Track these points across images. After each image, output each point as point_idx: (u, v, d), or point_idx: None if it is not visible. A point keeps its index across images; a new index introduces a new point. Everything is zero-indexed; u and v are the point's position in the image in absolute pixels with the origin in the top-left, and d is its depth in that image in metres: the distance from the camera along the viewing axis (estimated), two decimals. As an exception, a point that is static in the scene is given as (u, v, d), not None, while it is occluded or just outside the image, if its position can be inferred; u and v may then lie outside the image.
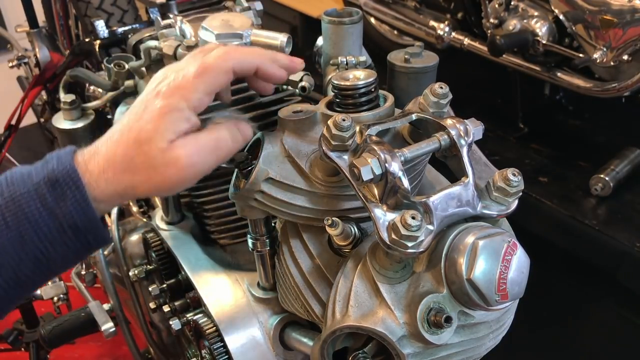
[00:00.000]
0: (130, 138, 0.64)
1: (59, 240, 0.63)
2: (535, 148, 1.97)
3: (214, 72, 0.66)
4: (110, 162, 0.64)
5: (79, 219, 0.62)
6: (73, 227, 0.63)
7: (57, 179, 0.62)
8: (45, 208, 0.62)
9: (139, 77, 1.10)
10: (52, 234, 0.62)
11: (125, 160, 0.64)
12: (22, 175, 0.64)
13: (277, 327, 0.87)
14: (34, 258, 0.63)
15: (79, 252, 0.65)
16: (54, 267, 0.66)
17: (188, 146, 0.64)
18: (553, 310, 1.74)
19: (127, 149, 0.64)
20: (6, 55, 2.38)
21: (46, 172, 0.63)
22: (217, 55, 0.67)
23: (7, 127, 1.95)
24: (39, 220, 0.62)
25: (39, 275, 0.65)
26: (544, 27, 1.80)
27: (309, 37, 2.67)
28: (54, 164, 0.64)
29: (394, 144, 0.66)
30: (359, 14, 0.86)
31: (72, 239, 0.63)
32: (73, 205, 0.62)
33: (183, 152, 0.64)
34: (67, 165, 0.63)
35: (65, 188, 0.62)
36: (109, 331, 1.17)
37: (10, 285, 0.63)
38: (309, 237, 0.73)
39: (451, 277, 0.60)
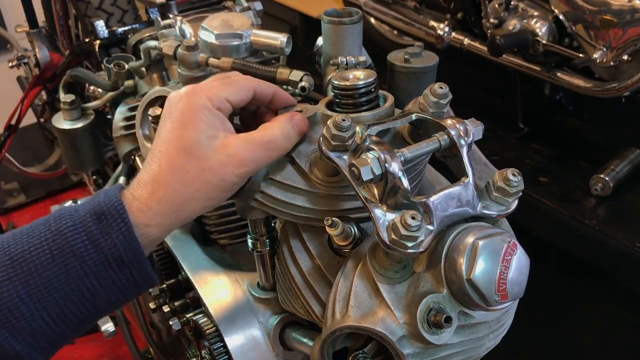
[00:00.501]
0: (173, 149, 0.64)
1: (104, 274, 0.62)
2: (535, 148, 1.96)
3: (238, 85, 0.68)
4: (159, 180, 0.63)
5: (124, 251, 0.62)
6: (118, 261, 0.62)
7: (103, 212, 0.62)
8: (90, 241, 0.61)
9: (139, 77, 1.10)
10: (97, 268, 0.62)
11: (177, 172, 0.63)
12: (70, 210, 0.63)
13: (277, 327, 0.87)
14: (79, 293, 0.62)
15: (125, 289, 0.64)
16: (100, 305, 0.64)
17: (241, 143, 0.64)
18: (553, 310, 1.74)
19: (172, 160, 0.63)
20: (6, 55, 2.38)
21: (93, 206, 0.63)
22: (240, 76, 0.70)
23: (7, 127, 1.96)
24: (84, 253, 0.61)
25: (84, 313, 0.64)
26: (544, 27, 1.80)
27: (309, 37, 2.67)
28: (101, 198, 0.63)
29: (394, 144, 0.66)
30: (359, 14, 0.86)
31: (117, 273, 0.63)
32: (118, 238, 0.61)
33: (238, 149, 0.64)
34: (113, 199, 0.63)
35: (111, 220, 0.62)
36: (109, 331, 1.17)
37: (55, 321, 0.62)
38: (309, 237, 0.73)
39: (451, 277, 0.60)
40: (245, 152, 0.64)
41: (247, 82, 0.69)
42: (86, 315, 0.64)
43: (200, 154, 0.63)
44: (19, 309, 0.60)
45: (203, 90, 0.66)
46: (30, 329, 0.61)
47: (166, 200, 0.63)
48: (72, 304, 0.62)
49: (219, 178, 0.63)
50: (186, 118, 0.64)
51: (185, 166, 0.63)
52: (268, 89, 0.71)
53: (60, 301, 0.62)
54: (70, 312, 0.63)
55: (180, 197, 0.63)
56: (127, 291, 0.65)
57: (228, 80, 0.69)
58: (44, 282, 0.61)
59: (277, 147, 0.67)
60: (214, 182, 0.63)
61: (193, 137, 0.63)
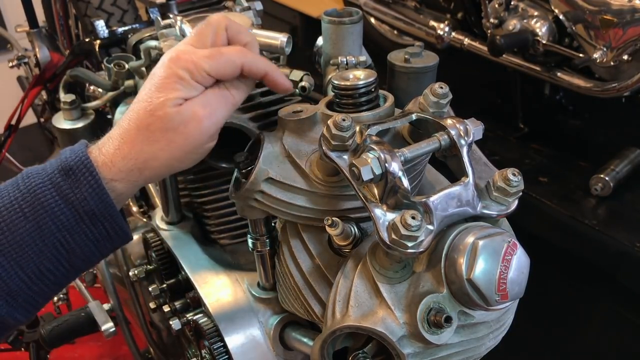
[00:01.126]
0: (141, 109, 0.66)
1: (77, 229, 0.63)
2: (535, 148, 1.96)
3: (224, 60, 0.68)
4: (125, 137, 0.66)
5: (95, 204, 0.63)
6: (90, 214, 0.63)
7: (70, 167, 0.63)
8: (60, 196, 0.63)
9: (139, 77, 1.10)
10: (69, 222, 0.63)
11: (141, 131, 0.65)
12: (37, 169, 0.65)
13: (277, 327, 0.87)
14: (54, 249, 0.63)
15: (99, 243, 0.65)
16: (76, 261, 0.65)
17: (200, 101, 0.66)
18: (553, 310, 1.74)
19: (140, 120, 0.66)
20: (6, 55, 2.38)
21: (60, 163, 0.64)
22: (234, 49, 0.70)
23: (7, 127, 1.95)
24: (55, 208, 0.62)
25: (61, 270, 0.65)
26: (544, 27, 1.80)
27: (309, 37, 2.67)
28: (67, 154, 0.65)
29: (394, 144, 0.66)
30: (359, 14, 0.86)
31: (89, 226, 0.64)
32: (88, 191, 0.63)
33: (198, 106, 0.66)
34: (80, 154, 0.64)
35: (79, 175, 0.63)
36: (109, 331, 1.17)
37: (32, 279, 0.63)
38: (309, 237, 0.73)
39: (451, 277, 0.60)
40: (205, 107, 0.66)
41: (236, 56, 0.69)
42: (62, 272, 0.65)
43: (164, 115, 0.65)
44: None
45: (186, 60, 0.67)
46: (7, 288, 0.63)
47: (130, 157, 0.65)
48: (47, 261, 0.63)
49: (183, 137, 0.65)
50: (161, 83, 0.66)
51: (150, 126, 0.65)
52: (259, 69, 0.70)
53: (35, 258, 0.63)
54: (46, 269, 0.64)
55: (144, 155, 0.65)
56: (101, 246, 0.66)
57: (216, 51, 0.68)
58: (17, 241, 0.62)
59: (232, 99, 0.69)
60: (177, 142, 0.66)
61: (161, 101, 0.65)
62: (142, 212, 1.25)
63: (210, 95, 0.68)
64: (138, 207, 1.26)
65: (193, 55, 0.67)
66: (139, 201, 1.28)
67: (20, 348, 1.67)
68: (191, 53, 0.68)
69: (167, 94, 0.66)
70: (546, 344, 1.74)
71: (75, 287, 1.43)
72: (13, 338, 1.66)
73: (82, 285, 1.39)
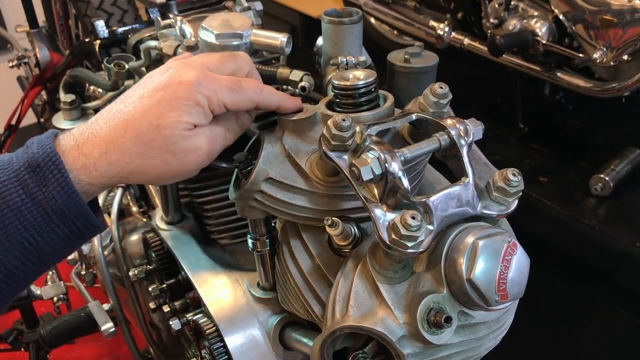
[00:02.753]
0: (146, 121, 0.64)
1: (45, 228, 0.61)
2: (535, 148, 1.97)
3: (244, 96, 0.68)
4: (117, 144, 0.63)
5: (63, 204, 0.61)
6: (58, 213, 0.61)
7: (38, 164, 0.61)
8: (27, 195, 0.60)
9: (139, 77, 1.10)
10: (36, 221, 0.60)
11: (139, 144, 0.63)
12: (3, 163, 0.62)
13: (277, 327, 0.87)
14: (22, 248, 0.61)
15: (69, 240, 0.63)
16: (45, 258, 0.63)
17: (207, 135, 0.66)
18: (553, 310, 1.74)
19: (141, 132, 0.63)
20: (6, 55, 2.38)
21: (27, 158, 0.61)
22: (252, 83, 0.70)
23: (7, 127, 1.95)
24: (22, 207, 0.60)
25: (31, 267, 0.63)
26: (544, 27, 1.80)
27: (309, 37, 2.67)
28: (34, 149, 0.62)
29: (394, 144, 0.66)
30: (359, 14, 0.86)
31: (59, 225, 0.62)
32: (56, 190, 0.60)
33: (204, 141, 0.66)
34: (47, 149, 0.61)
35: (46, 172, 0.60)
36: (109, 331, 1.17)
37: (1, 278, 0.61)
38: (309, 237, 0.73)
39: (451, 277, 0.60)
40: (210, 142, 0.67)
41: (254, 92, 0.69)
42: (32, 269, 0.63)
43: (171, 136, 0.64)
44: None
45: (208, 88, 0.65)
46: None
47: (116, 165, 0.63)
48: (15, 259, 0.61)
49: (179, 163, 0.65)
50: (176, 102, 0.64)
51: (151, 142, 0.63)
52: (272, 102, 0.71)
53: (2, 257, 0.61)
54: (15, 267, 0.62)
55: (133, 168, 0.64)
56: (72, 241, 0.64)
57: (237, 86, 0.68)
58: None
59: (228, 138, 0.70)
60: (171, 165, 0.65)
61: (172, 122, 0.64)
62: (142, 212, 1.25)
63: (217, 129, 0.68)
64: (138, 207, 1.26)
65: (215, 84, 0.66)
66: (139, 201, 1.28)
67: (20, 348, 1.68)
68: (213, 81, 0.66)
69: (180, 116, 0.64)
70: (546, 344, 1.74)
71: (75, 287, 1.43)
72: (13, 338, 1.66)
73: (82, 285, 1.39)
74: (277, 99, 0.72)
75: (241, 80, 0.69)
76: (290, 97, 0.74)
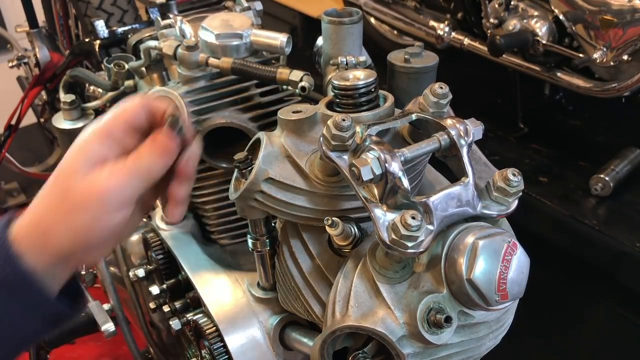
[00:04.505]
0: (53, 176, 0.63)
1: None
2: (535, 148, 1.96)
3: (118, 107, 0.66)
4: (37, 211, 0.63)
5: (7, 272, 0.59)
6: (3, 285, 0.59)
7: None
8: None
9: (139, 77, 1.10)
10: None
11: (48, 202, 0.63)
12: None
13: (277, 327, 0.87)
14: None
15: (23, 315, 0.61)
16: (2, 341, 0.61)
17: (106, 170, 0.62)
18: (553, 310, 1.74)
19: (49, 187, 0.63)
20: (6, 55, 2.38)
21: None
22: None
23: (7, 127, 1.95)
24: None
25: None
26: (544, 27, 1.80)
27: (309, 37, 2.67)
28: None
29: (394, 144, 0.66)
30: (359, 14, 0.86)
31: (5, 298, 0.60)
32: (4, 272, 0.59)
33: (102, 176, 0.62)
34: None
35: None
36: (109, 331, 1.17)
37: None
38: (309, 237, 0.73)
39: (451, 277, 0.60)
40: (109, 179, 0.62)
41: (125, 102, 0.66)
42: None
43: (66, 185, 0.62)
44: None
45: (94, 126, 0.65)
46: None
47: (33, 221, 0.63)
48: None
49: (83, 207, 0.62)
50: (73, 150, 0.64)
51: (52, 194, 0.63)
52: (134, 102, 0.67)
53: None
54: None
55: (45, 223, 0.62)
56: (28, 319, 0.62)
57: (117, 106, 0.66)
58: None
59: (144, 174, 0.64)
60: (76, 217, 0.62)
61: (69, 167, 0.63)
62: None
63: (123, 166, 0.64)
64: (138, 207, 1.26)
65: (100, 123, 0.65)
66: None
67: (20, 348, 1.67)
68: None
69: (77, 156, 0.64)
70: (546, 343, 1.74)
71: (75, 287, 1.42)
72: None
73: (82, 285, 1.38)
74: (135, 99, 0.67)
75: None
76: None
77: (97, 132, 0.64)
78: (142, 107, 0.66)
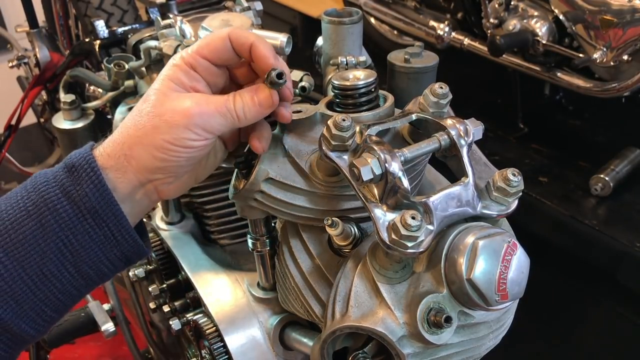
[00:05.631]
0: (140, 100, 0.66)
1: (79, 227, 0.62)
2: (535, 148, 1.97)
3: (210, 36, 0.67)
4: (121, 126, 0.65)
5: (96, 201, 0.61)
6: (92, 211, 0.62)
7: (73, 164, 0.63)
8: (63, 193, 0.62)
9: (139, 77, 1.10)
10: (71, 220, 0.61)
11: (133, 116, 0.65)
12: (45, 171, 0.64)
13: (277, 327, 0.87)
14: (57, 250, 0.61)
15: (103, 246, 0.63)
16: (82, 265, 0.63)
17: (198, 100, 0.64)
18: (553, 310, 1.74)
19: (136, 108, 0.65)
20: (6, 55, 2.38)
21: (65, 162, 0.64)
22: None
23: (7, 127, 1.95)
24: (57, 205, 0.61)
25: (65, 274, 0.62)
26: (544, 27, 1.80)
27: (309, 37, 2.67)
28: (73, 154, 0.64)
29: (394, 144, 0.66)
30: (359, 14, 0.86)
31: (92, 226, 0.62)
32: (89, 187, 0.61)
33: (192, 104, 0.64)
34: (84, 152, 0.64)
35: (81, 171, 0.62)
36: (109, 331, 1.17)
37: (35, 282, 0.61)
38: (309, 237, 0.73)
39: (451, 277, 0.60)
40: (198, 107, 0.64)
41: (220, 32, 0.68)
42: (68, 279, 0.63)
43: (155, 101, 0.64)
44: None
45: (180, 53, 0.67)
46: (11, 290, 0.61)
47: (117, 141, 0.64)
48: (50, 263, 0.61)
49: (168, 125, 0.63)
50: (159, 77, 0.67)
51: (141, 110, 0.65)
52: (244, 36, 0.67)
53: (38, 259, 0.61)
54: (50, 272, 0.62)
55: (129, 140, 0.64)
56: (107, 250, 0.64)
57: (203, 37, 0.69)
58: (20, 239, 0.61)
59: (232, 116, 0.66)
60: (162, 129, 0.63)
61: (156, 88, 0.65)
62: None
63: (214, 100, 0.66)
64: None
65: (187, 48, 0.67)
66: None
67: (20, 348, 1.67)
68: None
69: (162, 81, 0.66)
70: (546, 344, 1.74)
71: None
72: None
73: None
74: (249, 34, 0.67)
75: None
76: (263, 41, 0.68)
77: (182, 62, 0.66)
78: (227, 39, 0.67)
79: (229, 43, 0.67)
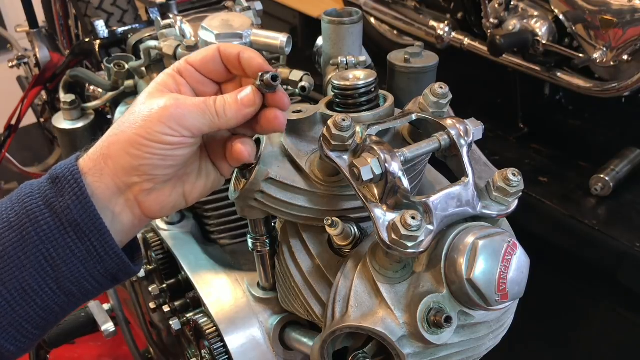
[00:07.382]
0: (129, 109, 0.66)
1: (60, 241, 0.59)
2: (535, 148, 1.97)
3: (202, 49, 0.68)
4: (106, 135, 0.64)
5: (77, 213, 0.59)
6: (73, 224, 0.59)
7: (57, 176, 0.61)
8: (45, 204, 0.60)
9: (139, 77, 1.10)
10: (52, 232, 0.59)
11: (116, 123, 0.64)
12: (32, 182, 0.63)
13: (277, 327, 0.87)
14: (37, 263, 0.59)
15: (86, 262, 0.61)
16: (64, 282, 0.61)
17: (175, 95, 0.64)
18: (553, 310, 1.74)
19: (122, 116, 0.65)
20: (6, 55, 2.38)
21: (50, 173, 0.63)
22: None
23: (7, 127, 1.95)
24: (39, 216, 0.59)
25: (46, 290, 0.60)
26: (544, 27, 1.80)
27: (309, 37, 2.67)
28: (58, 166, 0.63)
29: (394, 144, 0.66)
30: (359, 14, 0.86)
31: (74, 240, 0.60)
32: (71, 199, 0.59)
33: (167, 98, 0.63)
34: (68, 164, 0.62)
35: (64, 182, 0.60)
36: (109, 331, 1.17)
37: (15, 299, 0.59)
38: (309, 237, 0.73)
39: (451, 277, 0.60)
40: (175, 101, 0.63)
41: (210, 46, 0.68)
42: (49, 295, 0.60)
43: (138, 101, 0.64)
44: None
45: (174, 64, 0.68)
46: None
47: (99, 142, 0.64)
48: (30, 278, 0.59)
49: (142, 119, 0.62)
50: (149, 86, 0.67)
51: (124, 115, 0.64)
52: (232, 46, 0.67)
53: (18, 273, 0.59)
54: (30, 288, 0.59)
55: (109, 138, 0.63)
56: (90, 267, 0.61)
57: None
58: (0, 251, 0.59)
59: (210, 112, 0.64)
60: (137, 124, 0.62)
61: (144, 91, 0.66)
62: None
63: (192, 100, 0.64)
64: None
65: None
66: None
67: (20, 348, 1.67)
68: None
69: (149, 88, 0.66)
70: (546, 344, 1.74)
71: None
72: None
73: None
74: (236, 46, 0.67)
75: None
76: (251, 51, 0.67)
77: (172, 70, 0.67)
78: (216, 51, 0.67)
79: (217, 54, 0.66)
